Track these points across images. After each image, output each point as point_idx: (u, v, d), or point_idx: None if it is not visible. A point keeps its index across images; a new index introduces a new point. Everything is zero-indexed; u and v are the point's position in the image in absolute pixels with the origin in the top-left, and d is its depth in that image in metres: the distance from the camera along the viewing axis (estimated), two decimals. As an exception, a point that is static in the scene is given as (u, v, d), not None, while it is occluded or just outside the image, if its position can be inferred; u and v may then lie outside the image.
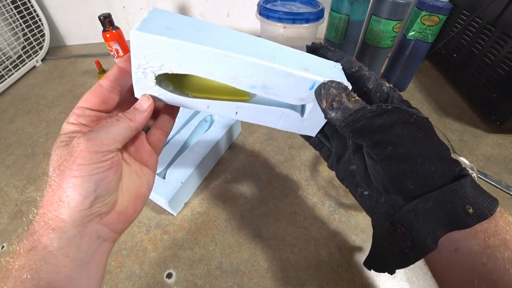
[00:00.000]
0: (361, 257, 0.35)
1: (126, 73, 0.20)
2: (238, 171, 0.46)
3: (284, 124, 0.24)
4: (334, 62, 0.23)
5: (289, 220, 0.39)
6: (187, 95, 0.22)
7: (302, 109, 0.24)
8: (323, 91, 0.19)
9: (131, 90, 0.20)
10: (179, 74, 0.19)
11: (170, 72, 0.19)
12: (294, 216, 0.40)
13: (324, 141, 0.27)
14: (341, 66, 0.22)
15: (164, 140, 0.25)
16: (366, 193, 0.23)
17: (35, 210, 0.19)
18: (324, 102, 0.19)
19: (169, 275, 0.34)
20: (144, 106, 0.20)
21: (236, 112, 0.23)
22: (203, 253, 0.36)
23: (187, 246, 0.37)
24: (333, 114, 0.19)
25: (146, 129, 0.25)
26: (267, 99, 0.22)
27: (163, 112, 0.25)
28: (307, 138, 0.28)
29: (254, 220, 0.40)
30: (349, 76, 0.22)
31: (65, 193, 0.17)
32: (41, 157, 0.51)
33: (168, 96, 0.21)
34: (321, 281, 0.33)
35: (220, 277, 0.34)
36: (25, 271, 0.16)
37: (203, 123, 0.49)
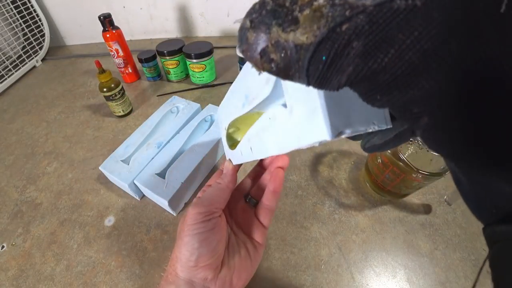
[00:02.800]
0: (361, 257, 0.35)
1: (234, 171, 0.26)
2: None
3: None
4: None
5: (289, 220, 0.39)
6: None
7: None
8: None
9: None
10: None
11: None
12: (294, 216, 0.40)
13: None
14: None
15: (272, 214, 0.27)
16: None
17: (164, 267, 0.23)
18: None
19: (169, 275, 0.34)
20: (226, 169, 0.25)
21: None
22: (203, 253, 0.36)
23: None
24: None
25: (254, 203, 0.27)
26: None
27: (268, 186, 0.26)
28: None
29: (254, 220, 0.40)
30: None
31: (180, 250, 0.21)
32: (41, 157, 0.51)
33: (232, 153, 0.25)
34: (321, 281, 0.33)
35: (220, 277, 0.34)
36: None
37: (203, 123, 0.49)
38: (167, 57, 0.63)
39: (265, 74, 0.10)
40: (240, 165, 0.26)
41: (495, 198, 0.12)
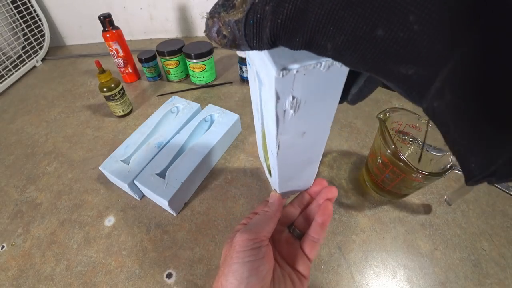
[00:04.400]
0: (361, 257, 0.35)
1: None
2: (238, 171, 0.46)
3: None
4: None
5: (289, 220, 0.39)
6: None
7: None
8: None
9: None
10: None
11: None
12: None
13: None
14: None
15: (318, 247, 0.27)
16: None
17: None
18: None
19: (169, 275, 0.34)
20: (273, 197, 0.25)
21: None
22: (203, 253, 0.36)
23: (187, 246, 0.37)
24: None
25: (299, 235, 0.27)
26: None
27: (316, 219, 0.26)
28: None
29: (254, 220, 0.40)
30: None
31: (226, 278, 0.20)
32: (41, 157, 0.51)
33: (272, 179, 0.26)
34: (321, 281, 0.33)
35: (220, 277, 0.34)
36: None
37: (203, 123, 0.49)
38: (167, 57, 0.64)
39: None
40: (287, 196, 0.27)
41: None
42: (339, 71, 0.14)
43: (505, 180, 0.10)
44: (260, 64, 0.15)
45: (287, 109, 0.15)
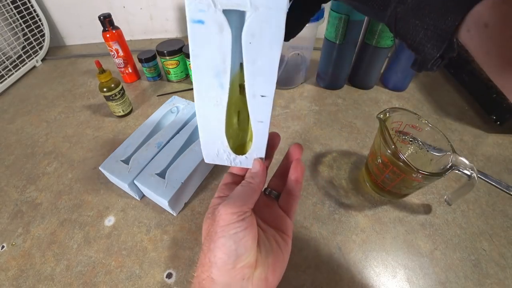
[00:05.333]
0: (361, 257, 0.35)
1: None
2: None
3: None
4: None
5: (289, 220, 0.39)
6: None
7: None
8: None
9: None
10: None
11: None
12: (294, 216, 0.40)
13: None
14: None
15: (295, 205, 0.27)
16: None
17: (192, 274, 0.21)
18: None
19: (169, 275, 0.34)
20: (256, 167, 0.24)
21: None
22: (203, 253, 0.36)
23: (187, 246, 0.37)
24: None
25: (276, 195, 0.27)
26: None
27: (290, 176, 0.26)
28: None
29: (254, 220, 0.40)
30: None
31: (213, 253, 0.20)
32: (41, 157, 0.51)
33: (254, 151, 0.24)
34: (321, 281, 0.33)
35: (220, 277, 0.34)
36: None
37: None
38: (167, 57, 0.64)
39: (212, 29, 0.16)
40: (269, 161, 0.27)
41: None
42: None
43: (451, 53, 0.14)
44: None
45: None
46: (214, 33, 0.17)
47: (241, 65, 0.19)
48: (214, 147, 0.24)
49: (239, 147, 0.25)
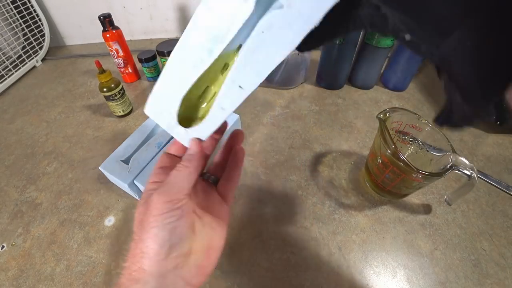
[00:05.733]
0: (361, 257, 0.35)
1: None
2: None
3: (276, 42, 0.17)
4: None
5: (289, 220, 0.39)
6: (198, 117, 0.23)
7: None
8: None
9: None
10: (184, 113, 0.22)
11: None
12: (294, 216, 0.40)
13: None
14: None
15: (233, 190, 0.26)
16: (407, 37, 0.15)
17: (123, 264, 0.20)
18: None
19: (169, 275, 0.34)
20: (193, 149, 0.22)
21: (239, 85, 0.19)
22: (203, 253, 0.36)
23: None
24: None
25: (215, 180, 0.26)
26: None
27: (228, 163, 0.26)
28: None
29: (254, 220, 0.40)
30: None
31: (145, 244, 0.18)
32: (41, 157, 0.51)
33: (197, 130, 0.22)
34: (321, 281, 0.33)
35: (220, 277, 0.34)
36: None
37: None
38: (167, 57, 0.64)
39: None
40: (213, 147, 0.25)
41: None
42: None
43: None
44: None
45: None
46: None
47: (239, 47, 0.18)
48: (163, 104, 0.22)
49: (186, 119, 0.23)
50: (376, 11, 0.15)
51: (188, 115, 0.23)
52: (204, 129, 0.22)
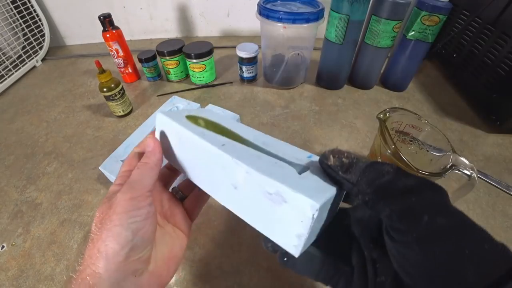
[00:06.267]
0: (361, 257, 0.35)
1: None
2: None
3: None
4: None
5: (289, 220, 0.39)
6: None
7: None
8: (327, 153, 0.18)
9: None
10: None
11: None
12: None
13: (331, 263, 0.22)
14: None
15: (200, 208, 0.27)
16: None
17: (77, 267, 0.18)
18: (331, 158, 0.17)
19: (169, 275, 0.34)
20: (150, 145, 0.22)
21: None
22: (203, 253, 0.36)
23: (187, 246, 0.37)
24: (344, 173, 0.16)
25: (182, 197, 0.27)
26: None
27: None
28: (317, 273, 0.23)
29: (254, 220, 0.40)
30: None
31: (104, 243, 0.17)
32: (41, 157, 0.51)
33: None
34: (321, 281, 0.33)
35: (220, 277, 0.34)
36: None
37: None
38: (167, 57, 0.64)
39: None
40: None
41: None
42: None
43: None
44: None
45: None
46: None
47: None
48: None
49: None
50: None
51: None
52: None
